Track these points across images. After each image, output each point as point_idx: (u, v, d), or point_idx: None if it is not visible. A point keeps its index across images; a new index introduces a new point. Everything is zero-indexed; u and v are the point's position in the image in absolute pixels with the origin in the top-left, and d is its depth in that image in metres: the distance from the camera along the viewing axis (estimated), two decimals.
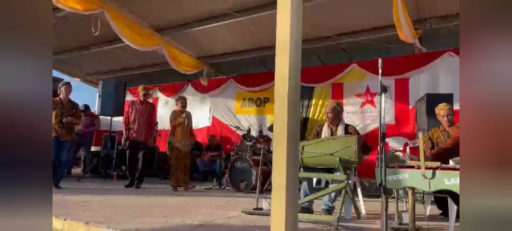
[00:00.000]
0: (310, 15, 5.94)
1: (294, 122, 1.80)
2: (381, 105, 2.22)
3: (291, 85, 1.82)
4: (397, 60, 6.39)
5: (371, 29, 6.33)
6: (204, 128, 8.47)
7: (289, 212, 1.70)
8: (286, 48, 1.84)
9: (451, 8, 5.42)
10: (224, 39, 7.28)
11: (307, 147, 3.22)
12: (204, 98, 8.59)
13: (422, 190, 2.44)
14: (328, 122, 3.56)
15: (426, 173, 2.21)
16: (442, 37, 6.04)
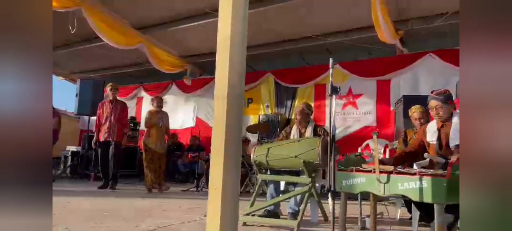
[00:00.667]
0: (291, 15, 5.90)
1: (235, 123, 1.72)
2: (331, 107, 2.14)
3: (231, 85, 1.74)
4: (379, 61, 6.35)
5: (354, 30, 6.27)
6: (188, 128, 8.38)
7: (226, 220, 1.62)
8: (226, 47, 1.77)
9: (432, 9, 5.37)
10: (207, 38, 7.18)
11: (272, 149, 3.14)
12: (188, 98, 8.50)
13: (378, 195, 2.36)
14: (297, 124, 3.49)
15: (381, 177, 2.13)
16: (423, 38, 6.00)
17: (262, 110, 7.33)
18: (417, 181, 1.99)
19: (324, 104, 6.81)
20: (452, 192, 1.90)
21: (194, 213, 3.34)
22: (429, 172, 1.99)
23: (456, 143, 2.54)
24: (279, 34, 6.67)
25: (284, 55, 7.53)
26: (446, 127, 2.65)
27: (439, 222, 1.92)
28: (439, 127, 2.69)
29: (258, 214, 3.12)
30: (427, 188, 1.94)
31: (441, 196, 1.89)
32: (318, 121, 6.83)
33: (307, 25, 6.19)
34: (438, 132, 2.68)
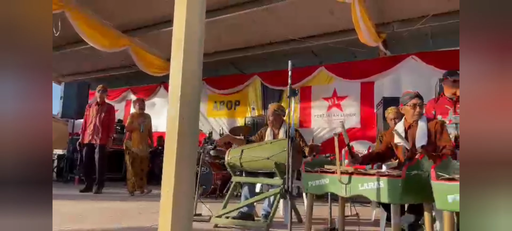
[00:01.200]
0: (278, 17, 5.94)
1: (189, 124, 1.73)
2: (290, 109, 2.17)
3: (185, 85, 1.75)
4: (363, 63, 6.41)
5: (339, 32, 6.31)
6: None
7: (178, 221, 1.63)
8: (179, 47, 1.78)
9: (413, 12, 5.43)
10: None
11: (246, 151, 3.16)
12: None
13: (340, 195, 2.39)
14: (270, 125, 3.51)
15: (342, 178, 2.16)
16: (405, 41, 6.06)
17: (249, 112, 7.36)
18: (375, 181, 2.02)
19: (309, 106, 6.85)
20: (407, 192, 1.93)
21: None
22: (386, 173, 2.02)
23: (422, 144, 2.58)
24: (266, 37, 6.71)
25: (271, 57, 7.57)
26: (412, 129, 2.69)
27: (394, 222, 1.95)
28: (406, 129, 2.73)
29: (231, 216, 3.14)
30: (384, 189, 1.97)
31: (396, 196, 1.92)
32: (303, 122, 6.88)
33: (293, 28, 6.24)
34: (405, 133, 2.71)
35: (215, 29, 6.55)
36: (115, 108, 6.36)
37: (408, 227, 2.27)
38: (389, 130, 2.91)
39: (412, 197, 1.97)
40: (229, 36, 6.86)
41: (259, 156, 3.04)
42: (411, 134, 2.67)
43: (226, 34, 6.77)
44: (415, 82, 5.67)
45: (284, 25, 6.13)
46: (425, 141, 2.56)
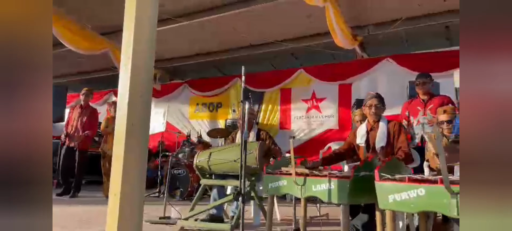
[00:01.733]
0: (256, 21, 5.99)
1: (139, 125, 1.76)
2: (243, 112, 2.21)
3: (135, 83, 1.77)
4: (341, 65, 6.50)
5: (317, 35, 6.39)
6: (158, 133, 8.35)
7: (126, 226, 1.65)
8: (129, 42, 1.80)
9: (386, 16, 5.53)
10: (173, 44, 7.21)
11: (214, 154, 3.20)
12: (158, 103, 8.47)
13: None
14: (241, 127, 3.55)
15: (297, 179, 2.21)
16: (382, 44, 6.17)
17: (230, 114, 7.39)
18: (327, 182, 2.08)
19: (290, 108, 6.91)
20: (355, 193, 2.00)
21: None
22: (336, 174, 2.08)
23: (381, 145, 2.65)
24: (246, 40, 6.75)
25: (252, 60, 7.62)
26: (374, 130, 2.76)
27: (343, 222, 2.01)
28: (368, 130, 2.81)
29: (200, 219, 3.17)
30: (334, 190, 2.03)
31: (344, 197, 1.98)
32: (283, 124, 6.94)
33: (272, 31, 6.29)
34: (367, 134, 2.79)
35: (196, 32, 6.58)
36: (98, 111, 6.34)
37: (362, 226, 2.34)
38: (353, 130, 2.98)
39: (361, 197, 2.03)
40: (210, 39, 6.88)
41: (226, 158, 3.08)
42: (372, 135, 2.75)
43: (207, 37, 6.79)
44: (391, 84, 5.79)
45: (264, 28, 6.19)
46: (384, 142, 2.64)
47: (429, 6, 5.18)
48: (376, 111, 2.68)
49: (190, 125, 7.85)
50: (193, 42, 7.13)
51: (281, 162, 2.59)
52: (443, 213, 1.56)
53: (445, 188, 1.50)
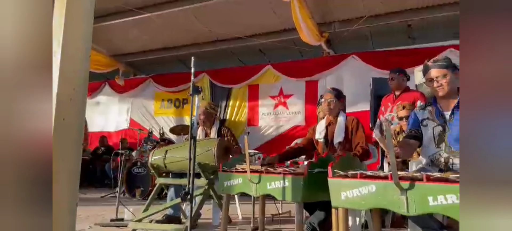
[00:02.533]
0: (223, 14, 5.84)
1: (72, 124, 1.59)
2: (192, 107, 2.08)
3: (66, 73, 1.58)
4: (308, 62, 6.50)
5: (284, 31, 6.34)
6: (122, 130, 8.00)
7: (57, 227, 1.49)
8: (60, 25, 1.60)
9: (352, 13, 5.58)
10: (136, 37, 6.92)
11: (170, 151, 3.04)
12: (122, 99, 8.12)
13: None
14: (201, 124, 3.41)
15: (252, 177, 2.12)
16: (348, 41, 6.23)
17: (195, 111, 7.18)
18: (281, 180, 2.00)
19: (257, 104, 6.83)
20: (309, 190, 1.93)
21: (88, 221, 3.15)
22: (291, 171, 2.00)
23: (339, 140, 2.62)
24: (212, 34, 6.59)
25: (220, 55, 7.48)
26: (332, 126, 2.72)
27: (297, 221, 1.93)
28: (326, 125, 2.76)
29: (155, 220, 3.01)
30: (288, 187, 1.96)
31: (298, 194, 1.91)
32: (251, 121, 6.85)
33: (238, 26, 6.18)
34: (326, 130, 2.75)
35: (160, 25, 6.33)
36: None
37: (318, 224, 2.29)
38: (313, 126, 2.93)
39: (316, 195, 1.97)
40: (175, 33, 6.66)
41: (183, 156, 2.93)
42: (331, 131, 2.71)
43: (171, 30, 6.56)
44: (356, 81, 5.85)
45: (229, 22, 6.06)
46: (342, 138, 2.61)
47: (391, 5, 5.27)
48: (331, 107, 2.64)
49: (155, 121, 7.57)
50: (157, 35, 6.87)
51: (239, 160, 2.49)
52: (393, 210, 1.52)
53: (395, 184, 1.45)
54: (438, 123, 1.99)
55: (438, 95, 2.01)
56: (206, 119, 3.35)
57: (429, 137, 2.02)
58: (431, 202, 1.39)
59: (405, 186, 1.45)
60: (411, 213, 1.44)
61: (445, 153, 1.94)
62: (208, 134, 3.39)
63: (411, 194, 1.44)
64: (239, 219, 3.45)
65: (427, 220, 1.87)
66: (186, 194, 1.88)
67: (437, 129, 1.99)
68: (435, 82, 1.97)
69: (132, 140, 7.25)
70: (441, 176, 1.42)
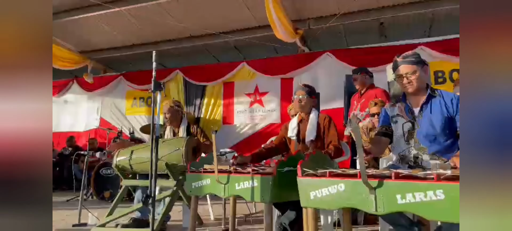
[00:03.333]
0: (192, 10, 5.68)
1: None
2: (152, 103, 1.97)
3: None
4: (283, 59, 6.46)
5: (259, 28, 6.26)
6: (91, 130, 7.66)
7: None
8: None
9: (326, 10, 5.58)
10: (106, 32, 6.63)
11: (136, 152, 2.89)
12: (92, 97, 7.78)
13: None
14: (168, 123, 3.27)
15: (220, 177, 2.03)
16: (322, 38, 6.24)
17: None
18: (250, 180, 1.92)
19: (232, 102, 6.73)
20: (279, 190, 1.86)
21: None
22: (260, 171, 1.93)
23: (311, 138, 2.57)
24: (185, 30, 6.41)
25: (194, 52, 7.31)
26: (304, 123, 2.67)
27: (266, 223, 1.86)
28: (298, 122, 2.71)
29: (122, 224, 2.86)
30: (257, 187, 1.88)
31: (267, 195, 1.83)
32: (226, 119, 6.74)
33: (212, 22, 6.04)
34: (298, 127, 2.69)
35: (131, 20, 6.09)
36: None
37: (289, 225, 2.23)
38: (284, 124, 2.87)
39: (286, 194, 1.90)
40: (147, 28, 6.43)
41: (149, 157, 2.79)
42: (303, 128, 2.66)
43: (144, 26, 6.33)
44: (330, 78, 5.87)
45: (202, 18, 5.91)
46: (314, 136, 2.56)
47: (364, 2, 5.31)
48: (303, 103, 2.58)
49: (126, 121, 7.31)
50: (129, 31, 6.61)
51: (208, 160, 2.39)
52: (362, 209, 1.47)
53: (363, 183, 1.40)
54: (408, 119, 1.98)
55: (407, 92, 2.00)
56: (172, 117, 3.21)
57: (399, 134, 2.00)
58: (400, 200, 1.35)
59: (373, 184, 1.41)
60: (380, 213, 1.40)
61: (414, 149, 1.93)
62: (176, 133, 3.26)
63: (380, 193, 1.40)
64: (211, 219, 3.35)
65: (397, 217, 1.85)
66: (147, 197, 1.76)
67: (406, 126, 1.97)
68: (404, 79, 1.96)
69: (102, 140, 6.96)
70: (409, 173, 1.38)
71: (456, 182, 1.24)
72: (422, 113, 1.93)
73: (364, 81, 4.01)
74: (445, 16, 5.62)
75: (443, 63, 5.32)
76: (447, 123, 1.86)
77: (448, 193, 1.24)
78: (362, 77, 4.00)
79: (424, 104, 1.94)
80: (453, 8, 5.26)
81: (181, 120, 3.24)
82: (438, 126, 1.86)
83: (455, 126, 1.86)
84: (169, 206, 2.70)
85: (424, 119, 1.92)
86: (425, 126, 1.90)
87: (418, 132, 1.93)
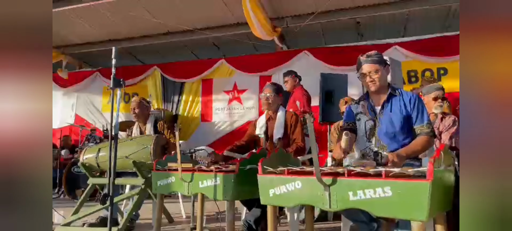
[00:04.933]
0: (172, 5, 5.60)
1: None
2: (111, 99, 1.94)
3: None
4: (262, 57, 6.48)
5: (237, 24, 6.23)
6: (66, 127, 7.46)
7: None
8: None
9: (303, 9, 5.61)
10: (81, 27, 6.46)
11: (103, 149, 2.83)
12: (67, 93, 7.58)
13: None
14: (136, 119, 3.22)
15: (183, 176, 2.02)
16: (299, 37, 6.28)
17: None
18: (213, 178, 1.91)
19: (211, 99, 6.69)
20: (241, 187, 1.87)
21: None
22: (223, 169, 1.92)
23: (278, 136, 2.58)
24: (163, 26, 6.31)
25: (172, 48, 7.22)
26: (272, 121, 2.68)
27: (228, 220, 1.87)
28: (266, 120, 2.72)
29: (88, 222, 2.80)
30: (220, 185, 1.88)
31: (229, 192, 1.84)
32: (205, 116, 6.70)
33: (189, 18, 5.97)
34: (266, 125, 2.70)
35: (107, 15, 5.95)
36: None
37: (254, 222, 2.24)
38: (253, 121, 2.88)
39: (248, 192, 1.91)
40: (124, 24, 6.30)
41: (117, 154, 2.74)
42: (271, 126, 2.67)
43: (120, 21, 6.20)
44: (307, 77, 5.88)
45: (180, 14, 5.83)
46: (281, 134, 2.58)
47: (341, 1, 5.37)
48: (270, 101, 2.60)
49: (102, 117, 7.15)
50: (104, 26, 6.46)
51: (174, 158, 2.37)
52: (317, 206, 1.50)
53: (317, 180, 1.42)
54: (370, 117, 2.02)
55: (370, 90, 2.03)
56: (141, 112, 3.15)
57: (362, 131, 2.04)
58: (352, 197, 1.38)
59: (328, 181, 1.43)
60: (333, 209, 1.43)
61: (375, 147, 1.97)
62: (143, 131, 3.20)
63: (334, 190, 1.42)
64: (183, 217, 3.33)
65: (357, 212, 1.89)
66: (105, 196, 1.73)
67: (368, 123, 2.01)
68: (367, 77, 1.99)
69: (77, 137, 6.80)
70: (361, 170, 1.41)
71: (403, 179, 1.27)
72: (383, 111, 1.97)
73: (293, 83, 4.21)
74: (420, 16, 5.76)
75: (416, 62, 5.45)
76: (405, 122, 1.91)
77: (395, 190, 1.27)
78: (291, 79, 4.22)
79: (385, 102, 1.98)
80: (427, 9, 5.40)
81: (148, 117, 3.19)
82: (397, 124, 1.91)
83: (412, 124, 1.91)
84: (136, 204, 2.66)
85: (385, 117, 1.96)
86: (385, 124, 1.94)
87: (379, 129, 1.97)
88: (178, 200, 3.52)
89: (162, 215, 2.29)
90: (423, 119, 1.89)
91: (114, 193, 2.93)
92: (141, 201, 2.72)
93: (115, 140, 1.83)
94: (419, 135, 1.87)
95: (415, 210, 1.21)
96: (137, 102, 3.15)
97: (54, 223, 2.91)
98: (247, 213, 2.51)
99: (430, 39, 5.43)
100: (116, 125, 1.85)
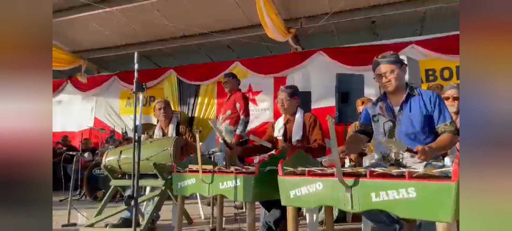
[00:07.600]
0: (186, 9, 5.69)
1: None
2: (134, 103, 1.98)
3: None
4: (276, 58, 6.48)
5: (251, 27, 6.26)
6: (85, 130, 7.66)
7: None
8: None
9: (318, 9, 5.59)
10: (98, 32, 6.62)
11: (124, 152, 2.91)
12: (86, 97, 7.78)
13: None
14: (163, 119, 3.28)
15: (204, 177, 2.05)
16: (314, 37, 6.26)
17: None
18: (233, 179, 1.94)
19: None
20: (261, 189, 1.89)
21: None
22: (243, 170, 1.95)
23: (297, 138, 2.59)
24: (178, 29, 6.41)
25: (187, 51, 7.31)
26: (290, 123, 2.69)
27: (249, 222, 1.89)
28: (285, 123, 2.73)
29: (111, 224, 2.87)
30: (240, 187, 1.90)
31: (249, 194, 1.86)
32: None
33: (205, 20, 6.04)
34: (284, 127, 2.71)
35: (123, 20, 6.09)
36: None
37: (274, 223, 2.25)
38: (270, 122, 2.90)
39: (268, 193, 1.92)
40: (139, 28, 6.43)
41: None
42: (289, 128, 2.68)
43: (135, 25, 6.33)
44: (323, 77, 5.88)
45: (194, 17, 5.91)
46: (300, 136, 2.58)
47: (355, 1, 5.33)
48: (285, 106, 2.61)
49: (121, 121, 7.31)
50: (121, 31, 6.61)
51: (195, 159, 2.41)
52: (339, 207, 1.50)
53: (339, 181, 1.43)
54: (389, 118, 2.00)
55: (387, 91, 2.02)
56: (165, 112, 3.23)
57: (381, 133, 2.03)
58: (374, 198, 1.37)
59: (349, 182, 1.43)
60: (355, 210, 1.43)
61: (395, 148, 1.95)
62: (165, 133, 3.27)
63: (355, 191, 1.42)
64: (202, 219, 3.37)
65: (378, 214, 1.88)
66: (129, 197, 1.78)
67: (387, 124, 2.00)
68: (383, 78, 1.98)
69: (96, 140, 6.97)
70: (384, 171, 1.41)
71: (427, 180, 1.27)
72: (402, 112, 1.96)
73: (233, 85, 4.20)
74: (437, 14, 5.66)
75: (435, 61, 5.36)
76: (426, 121, 1.89)
77: (419, 191, 1.26)
78: (232, 82, 4.22)
79: (404, 103, 1.96)
80: (444, 7, 5.30)
81: (171, 119, 3.25)
82: (418, 124, 1.89)
83: (434, 124, 1.89)
84: (157, 206, 2.72)
85: (404, 117, 1.94)
86: (405, 124, 1.93)
87: (399, 130, 1.95)
88: (197, 201, 3.56)
89: (183, 217, 2.33)
90: (445, 118, 1.86)
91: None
92: (161, 202, 2.77)
93: (139, 142, 1.88)
94: (443, 133, 1.85)
95: (440, 211, 1.21)
96: (162, 105, 3.22)
97: (78, 224, 2.99)
98: (266, 214, 2.53)
99: (448, 37, 5.32)
100: (139, 127, 1.90)
